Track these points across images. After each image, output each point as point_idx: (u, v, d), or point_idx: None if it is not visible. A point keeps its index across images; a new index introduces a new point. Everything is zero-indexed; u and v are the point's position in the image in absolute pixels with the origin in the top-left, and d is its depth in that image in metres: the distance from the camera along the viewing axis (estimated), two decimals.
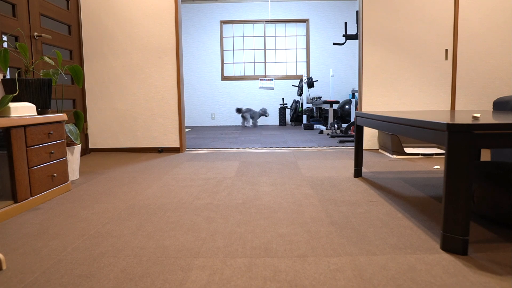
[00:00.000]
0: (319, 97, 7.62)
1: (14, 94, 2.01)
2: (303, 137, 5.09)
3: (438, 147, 3.70)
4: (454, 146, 1.24)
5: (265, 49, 7.86)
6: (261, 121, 7.90)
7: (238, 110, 7.01)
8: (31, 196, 1.95)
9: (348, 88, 7.83)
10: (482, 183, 1.57)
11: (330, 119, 5.85)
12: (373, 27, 3.68)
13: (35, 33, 2.91)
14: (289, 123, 7.83)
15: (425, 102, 3.75)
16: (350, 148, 3.94)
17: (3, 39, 2.53)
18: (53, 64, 2.38)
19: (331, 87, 6.96)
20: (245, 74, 7.91)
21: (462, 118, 1.45)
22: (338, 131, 5.38)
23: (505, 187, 1.48)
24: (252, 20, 7.77)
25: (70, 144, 2.62)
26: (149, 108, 3.84)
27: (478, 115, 1.52)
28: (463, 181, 1.24)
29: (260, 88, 7.76)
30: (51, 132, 2.14)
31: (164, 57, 3.78)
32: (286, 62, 7.90)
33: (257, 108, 7.81)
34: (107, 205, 1.96)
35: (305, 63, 7.86)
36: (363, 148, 3.62)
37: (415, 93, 3.75)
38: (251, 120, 7.16)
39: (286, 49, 7.88)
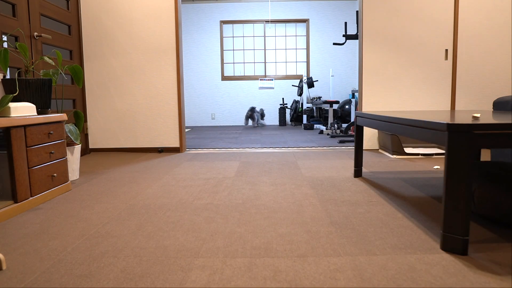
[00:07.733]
0: (319, 97, 7.62)
1: (14, 94, 2.01)
2: (303, 137, 5.09)
3: (438, 147, 3.70)
4: (454, 146, 1.24)
5: (265, 49, 7.86)
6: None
7: (252, 110, 7.03)
8: (31, 196, 1.95)
9: (348, 88, 7.83)
10: (482, 183, 1.56)
11: (330, 119, 5.85)
12: (373, 27, 3.68)
13: (35, 33, 2.91)
14: (289, 123, 7.83)
15: (425, 102, 3.75)
16: (350, 148, 3.94)
17: (3, 39, 2.53)
18: (53, 64, 2.38)
19: (331, 87, 6.96)
20: (245, 74, 7.91)
21: (462, 118, 1.45)
22: (338, 131, 5.38)
23: (505, 187, 1.48)
24: (252, 20, 7.77)
25: (70, 144, 2.62)
26: (149, 108, 3.84)
27: (478, 115, 1.52)
28: (463, 181, 1.24)
29: (260, 88, 7.76)
30: (51, 132, 2.14)
31: (164, 57, 3.78)
32: (286, 62, 7.89)
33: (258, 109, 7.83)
34: (107, 205, 1.96)
35: (305, 63, 7.85)
36: (363, 148, 3.62)
37: (415, 93, 3.75)
38: (258, 119, 7.18)
39: (286, 49, 7.88)
